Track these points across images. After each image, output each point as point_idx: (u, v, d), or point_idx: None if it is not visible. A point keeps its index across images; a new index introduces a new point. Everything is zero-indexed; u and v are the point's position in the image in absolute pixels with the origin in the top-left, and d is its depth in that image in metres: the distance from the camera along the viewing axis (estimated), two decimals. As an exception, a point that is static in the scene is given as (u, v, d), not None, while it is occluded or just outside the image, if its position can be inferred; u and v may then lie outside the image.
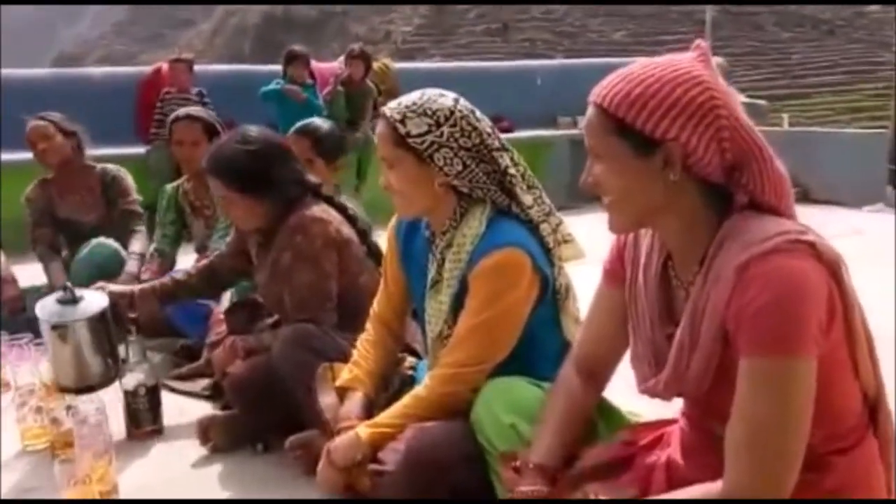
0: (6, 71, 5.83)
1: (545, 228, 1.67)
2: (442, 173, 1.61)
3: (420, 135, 1.59)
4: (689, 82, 1.14)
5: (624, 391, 1.45)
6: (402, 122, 1.60)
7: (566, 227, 1.74)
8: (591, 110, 1.19)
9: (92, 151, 3.41)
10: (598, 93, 1.19)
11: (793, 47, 15.38)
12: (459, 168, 1.61)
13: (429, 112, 1.60)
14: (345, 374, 1.83)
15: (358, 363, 1.83)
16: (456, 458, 1.50)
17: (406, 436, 1.53)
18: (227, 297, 2.76)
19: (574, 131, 6.50)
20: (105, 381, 2.09)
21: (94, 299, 2.09)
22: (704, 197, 1.17)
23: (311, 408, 1.82)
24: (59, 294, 2.09)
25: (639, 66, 1.19)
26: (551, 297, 1.66)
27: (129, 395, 2.14)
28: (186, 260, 3.37)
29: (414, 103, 1.61)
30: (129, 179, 3.42)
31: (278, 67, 5.89)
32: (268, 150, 2.09)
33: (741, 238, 1.12)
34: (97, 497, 1.70)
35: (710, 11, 12.40)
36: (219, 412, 2.22)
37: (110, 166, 3.43)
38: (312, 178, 2.16)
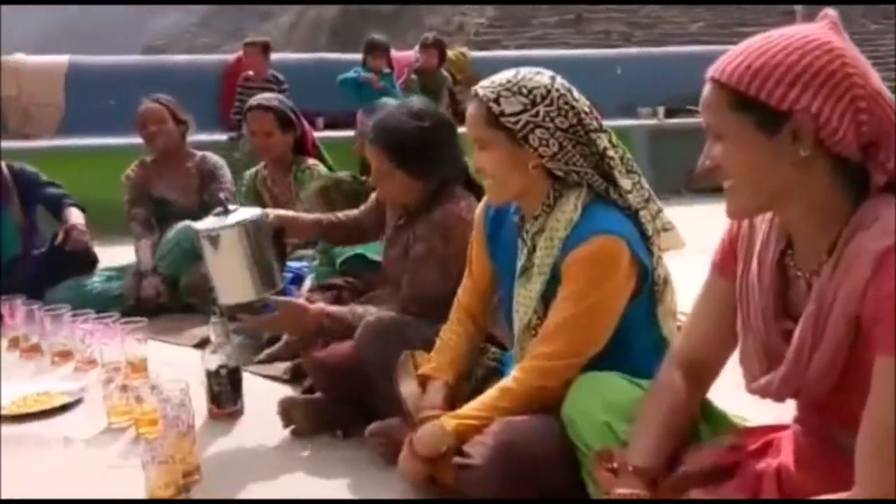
0: (96, 58, 6.05)
1: (644, 216, 1.58)
2: (536, 155, 1.53)
3: (514, 114, 1.52)
4: (819, 49, 1.03)
5: (730, 391, 1.35)
6: (497, 100, 1.53)
7: (666, 214, 1.64)
8: (707, 87, 1.11)
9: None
10: (715, 68, 1.11)
11: (881, 38, 14.57)
12: (555, 149, 1.53)
13: (524, 90, 1.52)
14: (427, 362, 1.78)
15: (441, 352, 1.78)
16: (547, 454, 1.43)
17: (494, 429, 1.46)
18: (308, 279, 2.76)
19: (653, 121, 6.31)
20: (263, 291, 1.98)
21: (248, 211, 2.04)
22: (837, 177, 1.06)
23: (392, 396, 1.78)
24: (215, 210, 2.04)
25: (760, 38, 1.09)
26: (649, 288, 1.57)
27: (211, 376, 2.15)
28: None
29: (508, 81, 1.54)
30: (227, 170, 3.50)
31: (356, 56, 5.92)
32: (438, 129, 1.99)
33: (881, 223, 1.01)
34: (179, 476, 1.70)
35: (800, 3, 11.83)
36: (299, 395, 2.20)
37: (211, 155, 3.53)
38: (467, 161, 2.00)
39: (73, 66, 5.77)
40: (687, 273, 1.72)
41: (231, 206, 2.04)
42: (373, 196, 2.30)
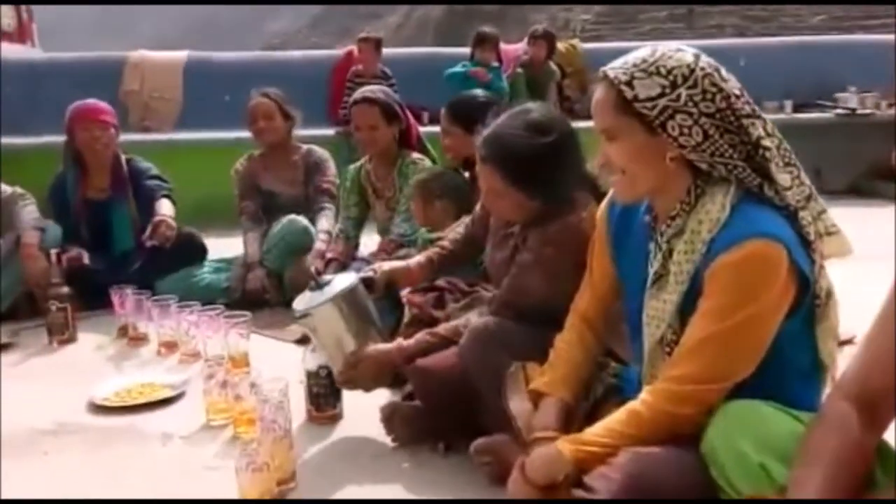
0: (213, 54, 6.20)
1: (805, 217, 1.34)
2: (676, 145, 1.33)
3: (651, 98, 1.32)
4: None
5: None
6: (629, 83, 1.33)
7: (830, 216, 1.40)
8: None
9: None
10: None
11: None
12: (699, 139, 1.32)
13: (662, 70, 1.32)
14: (539, 375, 1.60)
15: (555, 365, 1.60)
16: (683, 493, 1.23)
17: (621, 461, 1.27)
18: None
19: (780, 116, 5.84)
20: None
21: (342, 281, 1.95)
22: None
23: (500, 411, 1.61)
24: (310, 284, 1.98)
25: None
26: (809, 303, 1.33)
27: (311, 377, 2.06)
28: (370, 243, 3.33)
29: (644, 60, 1.34)
30: (332, 163, 3.48)
31: (465, 51, 5.79)
32: (561, 143, 1.72)
33: None
34: (274, 484, 1.60)
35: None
36: (401, 402, 2.07)
37: (317, 148, 3.53)
38: (593, 170, 1.77)
39: (191, 62, 5.92)
40: (848, 284, 1.48)
41: (326, 277, 1.96)
42: (479, 204, 2.09)
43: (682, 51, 1.35)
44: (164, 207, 3.32)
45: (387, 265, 2.09)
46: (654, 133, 1.33)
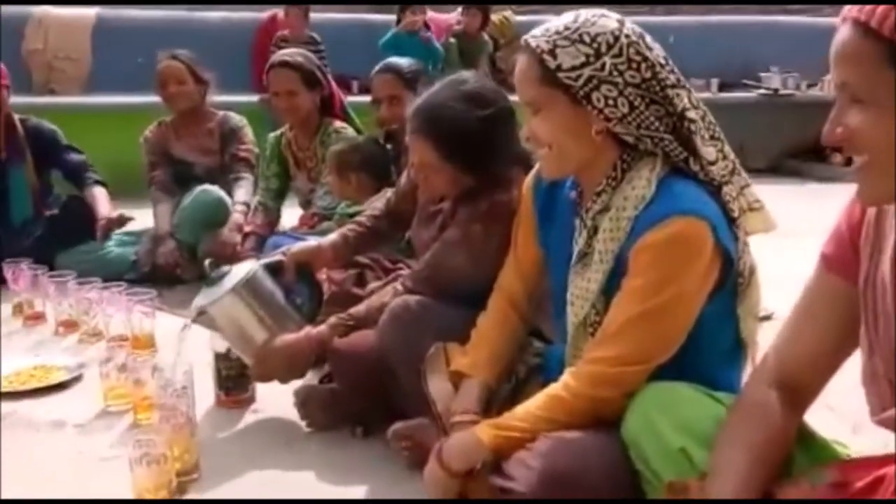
0: (125, 11, 5.82)
1: (729, 192, 1.30)
2: (602, 117, 1.26)
3: (575, 68, 1.24)
4: None
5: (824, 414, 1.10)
6: (552, 52, 1.25)
7: (754, 190, 1.36)
8: (846, 32, 0.84)
9: (208, 98, 3.31)
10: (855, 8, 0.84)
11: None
12: (625, 110, 1.25)
13: (586, 38, 1.25)
14: (460, 356, 1.53)
15: (477, 346, 1.53)
16: (604, 479, 1.18)
17: (540, 447, 1.21)
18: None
19: (706, 94, 5.92)
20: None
21: (240, 271, 1.79)
22: None
23: (420, 393, 1.54)
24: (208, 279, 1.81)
25: None
26: (732, 281, 1.30)
27: (220, 359, 1.93)
28: (291, 214, 3.19)
29: (566, 28, 1.26)
30: (249, 130, 3.30)
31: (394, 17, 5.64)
32: (498, 116, 1.62)
33: None
34: (173, 476, 1.49)
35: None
36: (318, 385, 1.97)
37: (233, 115, 3.34)
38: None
39: (101, 20, 5.56)
40: (769, 260, 1.46)
41: (222, 269, 1.80)
42: (404, 177, 1.99)
43: (605, 16, 1.28)
44: (102, 202, 3.11)
45: (296, 246, 1.96)
46: (580, 105, 1.26)
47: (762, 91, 6.15)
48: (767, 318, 1.80)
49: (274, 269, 1.86)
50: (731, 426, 1.10)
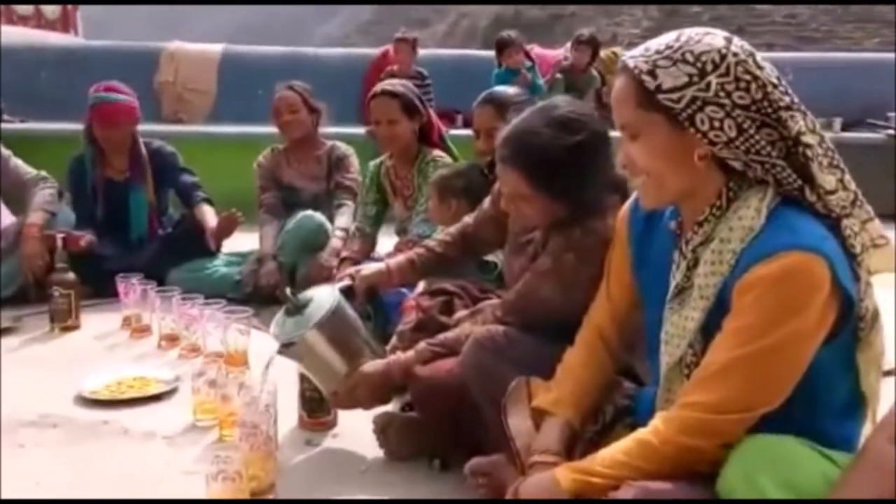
0: (248, 48, 6.16)
1: (850, 226, 1.17)
2: (706, 141, 1.17)
3: (676, 88, 1.16)
4: None
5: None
6: (652, 73, 1.17)
7: (878, 224, 1.22)
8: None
9: (320, 130, 3.42)
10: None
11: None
12: (732, 134, 1.15)
13: (689, 57, 1.16)
14: (544, 392, 1.45)
15: (562, 382, 1.45)
16: (693, 539, 1.07)
17: (624, 497, 1.11)
18: (421, 284, 2.50)
19: (829, 134, 5.56)
20: (359, 366, 1.78)
21: (322, 299, 1.78)
22: None
23: (501, 428, 1.46)
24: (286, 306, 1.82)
25: None
26: (852, 326, 1.16)
27: (305, 381, 1.93)
28: (387, 242, 3.21)
29: (668, 47, 1.18)
30: (355, 159, 3.39)
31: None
32: (590, 143, 1.54)
33: None
34: (247, 495, 1.48)
35: None
36: (398, 412, 1.93)
37: (341, 144, 3.44)
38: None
39: (226, 55, 5.91)
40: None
41: (303, 296, 1.79)
42: (486, 204, 1.95)
43: (711, 34, 1.19)
44: (209, 216, 3.24)
45: (365, 269, 1.95)
46: (681, 128, 1.17)
47: (889, 132, 5.73)
48: (890, 372, 1.62)
49: (346, 293, 1.85)
50: (844, 484, 0.97)
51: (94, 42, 6.80)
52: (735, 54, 1.16)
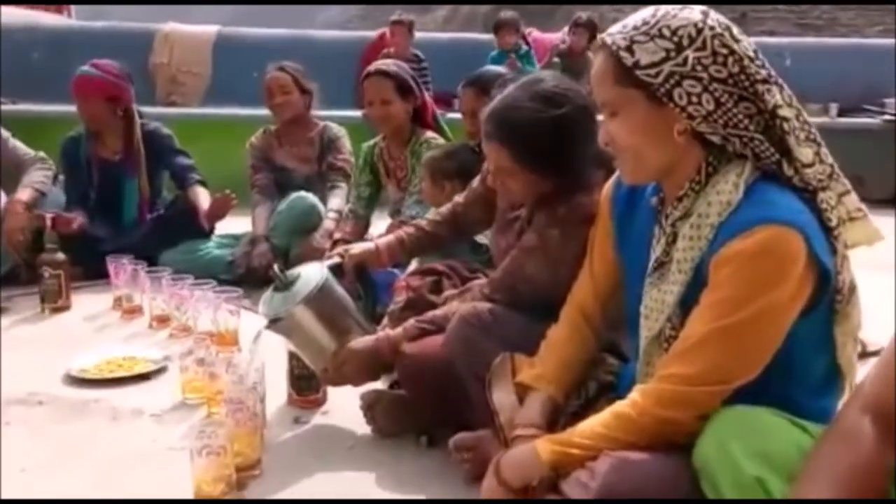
0: (244, 30, 6.11)
1: (826, 199, 1.17)
2: (685, 116, 1.17)
3: (654, 64, 1.16)
4: None
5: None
6: (629, 48, 1.17)
7: (855, 197, 1.22)
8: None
9: (315, 112, 3.40)
10: None
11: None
12: (710, 107, 1.16)
13: (666, 32, 1.16)
14: (527, 368, 1.46)
15: (545, 357, 1.46)
16: (668, 508, 1.08)
17: (600, 467, 1.12)
18: (412, 264, 2.51)
19: (823, 119, 5.55)
20: (347, 342, 1.79)
21: (310, 276, 1.78)
22: None
23: (486, 404, 1.48)
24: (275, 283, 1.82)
25: None
26: (829, 299, 1.17)
27: (293, 358, 1.94)
28: (381, 224, 3.21)
29: (645, 23, 1.18)
30: (347, 140, 3.37)
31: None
32: (574, 117, 1.53)
33: None
34: (232, 470, 1.49)
35: None
36: (386, 390, 1.94)
37: (333, 125, 3.42)
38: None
39: (221, 37, 5.86)
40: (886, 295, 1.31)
41: (290, 273, 1.79)
42: (475, 183, 1.95)
43: (688, 8, 1.19)
44: (202, 197, 3.23)
45: (354, 248, 1.95)
46: (660, 103, 1.17)
47: (886, 117, 5.71)
48: (877, 353, 1.63)
49: (334, 271, 1.85)
50: (818, 453, 0.97)
51: (88, 23, 6.72)
52: (711, 28, 1.16)
